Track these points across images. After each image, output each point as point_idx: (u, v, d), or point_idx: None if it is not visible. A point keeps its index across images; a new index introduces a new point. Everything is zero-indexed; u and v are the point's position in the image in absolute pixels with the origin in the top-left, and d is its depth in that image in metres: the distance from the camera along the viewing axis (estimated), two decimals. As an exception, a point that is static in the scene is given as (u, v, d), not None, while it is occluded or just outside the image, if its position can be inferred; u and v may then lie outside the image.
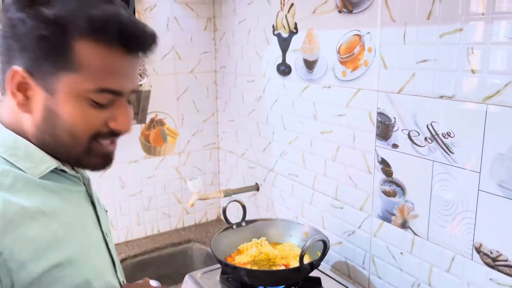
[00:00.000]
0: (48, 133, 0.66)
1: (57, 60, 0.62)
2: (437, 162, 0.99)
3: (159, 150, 1.84)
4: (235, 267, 1.14)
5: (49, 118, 0.65)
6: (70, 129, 0.65)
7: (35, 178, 0.65)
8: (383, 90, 1.09)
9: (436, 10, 0.94)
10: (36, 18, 0.60)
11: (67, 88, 0.63)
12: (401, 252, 1.12)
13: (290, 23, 1.39)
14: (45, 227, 0.63)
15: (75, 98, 0.64)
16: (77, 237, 0.69)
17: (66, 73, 0.62)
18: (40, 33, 0.60)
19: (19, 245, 0.59)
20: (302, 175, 1.44)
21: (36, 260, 0.61)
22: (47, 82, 0.63)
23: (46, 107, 0.64)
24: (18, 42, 0.62)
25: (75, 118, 0.64)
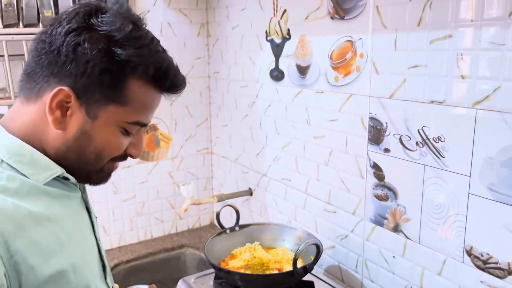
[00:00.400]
0: (75, 152, 0.69)
1: (111, 92, 0.66)
2: (428, 166, 1.00)
3: (152, 155, 1.84)
4: (229, 272, 1.14)
5: (82, 139, 0.68)
6: (99, 152, 0.70)
7: (39, 184, 0.66)
8: (375, 95, 1.11)
9: (426, 17, 0.96)
10: (107, 55, 0.64)
11: (109, 117, 0.68)
12: (394, 255, 1.13)
13: (283, 29, 1.40)
14: (50, 232, 0.65)
15: (113, 126, 0.69)
16: (78, 243, 0.70)
17: (114, 105, 0.67)
18: (106, 68, 0.64)
19: (29, 249, 0.60)
20: (295, 179, 1.45)
21: (43, 265, 0.62)
22: (91, 108, 0.66)
23: (83, 129, 0.67)
24: (76, 66, 0.64)
25: (107, 143, 0.69)
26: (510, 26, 0.82)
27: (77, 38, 0.64)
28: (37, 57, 0.67)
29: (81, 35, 0.64)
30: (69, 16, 0.66)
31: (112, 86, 0.66)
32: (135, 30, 0.67)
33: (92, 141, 0.68)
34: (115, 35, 0.65)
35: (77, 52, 0.64)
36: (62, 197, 0.70)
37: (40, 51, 0.66)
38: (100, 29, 0.65)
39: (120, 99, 0.67)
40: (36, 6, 1.38)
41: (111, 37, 0.64)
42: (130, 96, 0.67)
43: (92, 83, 0.65)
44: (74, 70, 0.64)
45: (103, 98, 0.66)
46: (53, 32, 0.65)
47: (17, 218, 0.60)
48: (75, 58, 0.64)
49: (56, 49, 0.64)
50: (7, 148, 0.65)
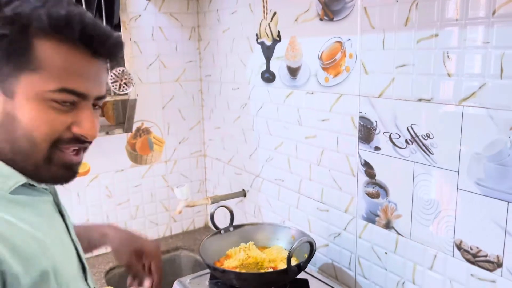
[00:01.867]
0: (5, 139, 0.62)
1: (18, 60, 0.59)
2: (417, 163, 1.02)
3: (145, 158, 1.85)
4: (224, 271, 1.16)
5: (7, 122, 0.61)
6: (30, 134, 0.61)
7: (6, 194, 0.63)
8: (365, 94, 1.13)
9: (413, 17, 0.98)
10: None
11: (28, 90, 0.60)
12: (386, 252, 1.14)
13: (273, 31, 1.42)
14: (29, 237, 0.62)
15: (36, 100, 0.60)
16: (55, 246, 0.68)
17: (26, 74, 0.60)
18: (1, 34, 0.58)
19: (12, 256, 0.58)
20: (288, 179, 1.47)
21: (26, 272, 0.60)
22: (6, 84, 0.60)
23: (4, 111, 0.61)
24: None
25: (35, 121, 0.61)
26: (494, 25, 0.84)
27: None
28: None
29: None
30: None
31: (15, 52, 0.59)
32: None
33: (17, 121, 0.61)
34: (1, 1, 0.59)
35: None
36: (33, 203, 0.67)
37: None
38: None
39: (29, 65, 0.59)
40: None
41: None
42: (40, 59, 0.59)
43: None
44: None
45: (12, 70, 0.60)
46: None
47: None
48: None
49: None
50: None
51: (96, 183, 1.75)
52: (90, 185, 1.74)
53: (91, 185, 1.74)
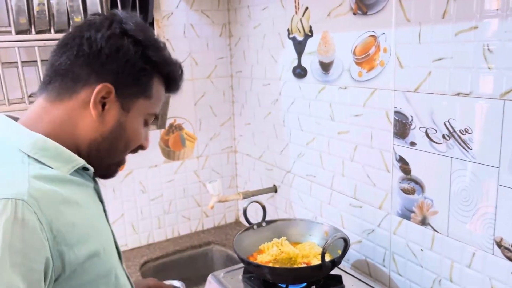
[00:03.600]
0: (109, 142, 0.77)
1: (142, 88, 0.78)
2: (455, 159, 1.00)
3: (178, 154, 1.88)
4: (258, 265, 1.17)
5: (117, 130, 0.77)
6: (129, 141, 0.80)
7: (65, 174, 0.72)
8: (400, 89, 1.11)
9: (450, 9, 0.96)
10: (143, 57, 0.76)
11: (139, 110, 0.79)
12: (421, 248, 1.13)
13: (305, 27, 1.41)
14: (83, 216, 0.71)
15: (140, 118, 0.80)
16: (102, 227, 0.78)
17: (143, 98, 0.79)
18: (142, 67, 0.76)
19: (67, 229, 0.66)
20: (320, 175, 1.46)
21: (80, 244, 0.68)
22: (126, 101, 0.77)
23: (118, 121, 0.77)
24: (117, 65, 0.74)
25: (136, 133, 0.81)
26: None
27: (119, 41, 0.74)
28: (74, 58, 0.73)
29: (122, 39, 0.75)
30: (106, 23, 0.75)
31: (143, 83, 0.78)
32: (158, 39, 0.81)
33: (125, 131, 0.78)
34: (148, 41, 0.77)
35: (119, 53, 0.74)
36: (84, 187, 0.77)
37: (78, 53, 0.73)
38: (136, 35, 0.76)
39: (147, 93, 0.79)
40: (67, 13, 1.43)
41: (145, 42, 0.77)
42: (153, 91, 0.79)
43: (129, 79, 0.76)
44: (115, 68, 0.74)
45: (136, 93, 0.77)
46: (91, 37, 0.73)
47: (55, 201, 0.66)
48: (116, 58, 0.74)
49: (97, 50, 0.73)
50: (32, 144, 0.70)
51: (131, 178, 1.79)
52: (125, 181, 1.78)
53: (126, 180, 1.78)
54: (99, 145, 0.77)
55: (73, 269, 0.67)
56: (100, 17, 0.77)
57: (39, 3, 1.37)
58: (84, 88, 0.73)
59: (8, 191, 0.61)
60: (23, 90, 1.46)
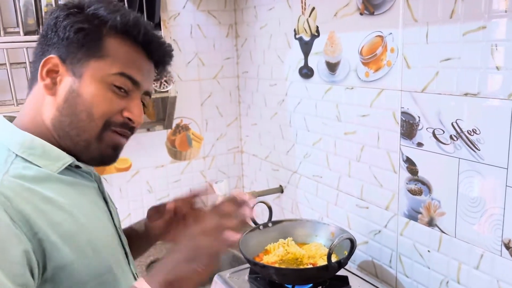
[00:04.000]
0: (67, 113, 0.73)
1: (90, 48, 0.72)
2: (463, 160, 0.99)
3: (184, 154, 1.88)
4: (264, 266, 1.16)
5: (71, 98, 0.72)
6: (89, 109, 0.72)
7: (53, 173, 0.71)
8: (407, 89, 1.11)
9: (458, 9, 0.95)
10: (78, 15, 0.73)
11: (94, 72, 0.72)
12: (429, 250, 1.12)
13: (311, 27, 1.41)
14: (69, 216, 0.69)
15: (100, 82, 0.73)
16: (96, 227, 0.75)
17: (95, 59, 0.72)
18: (79, 27, 0.72)
19: (50, 228, 0.65)
20: (326, 176, 1.46)
21: (65, 244, 0.67)
22: (76, 67, 0.73)
23: (71, 89, 0.73)
24: (57, 34, 0.73)
25: (96, 98, 0.72)
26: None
27: (57, 15, 0.74)
28: (36, 48, 0.76)
29: (57, 11, 0.74)
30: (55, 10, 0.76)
31: (89, 42, 0.72)
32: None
33: (81, 97, 0.72)
34: (83, 2, 0.74)
35: (57, 24, 0.73)
36: (77, 185, 0.75)
37: (36, 47, 0.77)
38: (71, 3, 0.75)
39: (99, 53, 0.72)
40: (74, 13, 1.44)
41: (81, 4, 0.74)
42: (108, 49, 0.73)
43: (71, 43, 0.72)
44: (55, 39, 0.73)
45: (84, 56, 0.72)
46: (46, 26, 0.76)
47: (33, 200, 0.66)
48: (55, 30, 0.73)
49: (44, 34, 0.75)
50: (19, 143, 0.71)
51: (137, 178, 1.80)
52: (132, 181, 1.79)
53: (133, 180, 1.79)
54: (60, 121, 0.73)
55: (59, 267, 0.66)
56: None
57: (47, 4, 1.38)
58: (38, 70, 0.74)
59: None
60: (31, 90, 1.47)
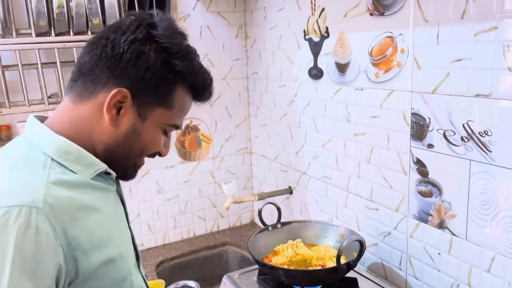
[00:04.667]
0: (123, 147, 0.76)
1: (162, 97, 0.75)
2: (474, 161, 0.98)
3: (194, 155, 1.89)
4: (273, 267, 1.16)
5: (131, 136, 0.76)
6: (143, 148, 0.78)
7: (86, 179, 0.72)
8: (417, 90, 1.10)
9: (470, 9, 0.94)
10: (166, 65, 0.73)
11: (157, 119, 0.76)
12: (439, 252, 1.11)
13: (321, 28, 1.41)
14: (100, 222, 0.71)
15: (158, 127, 0.77)
16: (120, 233, 0.78)
17: (162, 108, 0.76)
18: (163, 75, 0.73)
19: (83, 236, 0.66)
20: (335, 177, 1.46)
21: (96, 251, 0.68)
22: (143, 109, 0.75)
23: (133, 127, 0.75)
24: (137, 71, 0.72)
25: (152, 140, 0.78)
26: (560, 15, 0.79)
27: (142, 47, 0.71)
28: (97, 59, 0.72)
29: (145, 44, 0.72)
30: (132, 27, 0.73)
31: (164, 92, 0.74)
32: (188, 45, 0.77)
33: (140, 138, 0.76)
34: (174, 48, 0.73)
35: (140, 58, 0.71)
36: (105, 191, 0.77)
37: (101, 55, 0.72)
38: (162, 41, 0.72)
39: (168, 104, 0.75)
40: (85, 15, 1.45)
41: (170, 50, 0.73)
42: (176, 101, 0.76)
43: (148, 87, 0.73)
44: (134, 74, 0.72)
45: (154, 102, 0.75)
46: (116, 39, 0.72)
47: (72, 208, 0.66)
48: (137, 64, 0.71)
49: (119, 54, 0.71)
50: (55, 147, 0.71)
51: (147, 179, 1.81)
52: (141, 181, 1.80)
53: (142, 181, 1.80)
54: (113, 150, 0.76)
55: (87, 275, 0.67)
56: (131, 19, 0.74)
57: (58, 5, 1.40)
58: (102, 91, 0.72)
59: (23, 198, 0.62)
60: (42, 91, 1.49)
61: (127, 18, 0.75)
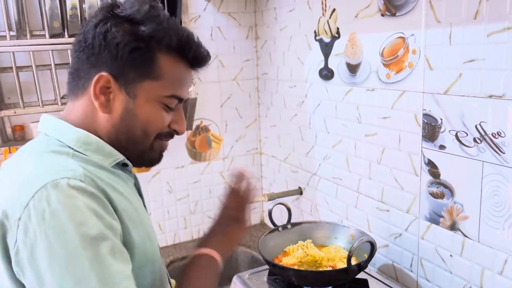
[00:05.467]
0: (123, 131, 0.75)
1: (144, 69, 0.72)
2: (487, 163, 0.98)
3: (204, 155, 1.90)
4: (283, 268, 1.16)
5: (127, 117, 0.74)
6: (144, 127, 0.75)
7: (108, 167, 0.74)
8: (429, 91, 1.09)
9: (483, 10, 0.94)
10: (133, 34, 0.71)
11: (147, 93, 0.74)
12: (451, 254, 1.10)
13: (332, 28, 1.41)
14: (128, 204, 0.73)
15: (152, 101, 0.74)
16: (147, 218, 0.79)
17: (149, 80, 0.73)
18: (134, 46, 0.70)
19: (121, 212, 0.69)
20: (346, 178, 1.45)
21: (132, 229, 0.70)
22: (130, 87, 0.73)
23: (126, 108, 0.74)
24: (109, 52, 0.70)
25: (150, 118, 0.75)
26: None
27: (104, 26, 0.70)
28: (76, 56, 0.74)
29: (107, 23, 0.71)
30: (95, 13, 0.73)
31: (143, 63, 0.72)
32: (152, 9, 0.72)
33: (137, 118, 0.74)
34: (136, 16, 0.71)
35: (107, 39, 0.70)
36: (124, 179, 0.78)
37: (78, 50, 0.73)
38: (122, 14, 0.71)
39: (153, 74, 0.73)
40: (97, 16, 1.47)
41: (133, 19, 0.71)
42: (162, 70, 0.73)
43: (125, 63, 0.71)
44: (107, 55, 0.71)
45: (138, 76, 0.72)
46: (85, 30, 0.73)
47: (105, 187, 0.68)
48: (106, 45, 0.70)
49: (90, 43, 0.71)
50: (75, 138, 0.73)
51: (158, 179, 1.82)
52: (152, 181, 1.81)
53: (153, 180, 1.81)
54: (116, 136, 0.75)
55: (128, 249, 0.68)
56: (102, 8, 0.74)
57: (71, 7, 1.42)
58: (88, 83, 0.73)
59: (66, 173, 0.64)
60: (56, 92, 1.51)
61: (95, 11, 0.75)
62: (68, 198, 0.61)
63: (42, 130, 0.77)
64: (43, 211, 0.60)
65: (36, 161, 0.69)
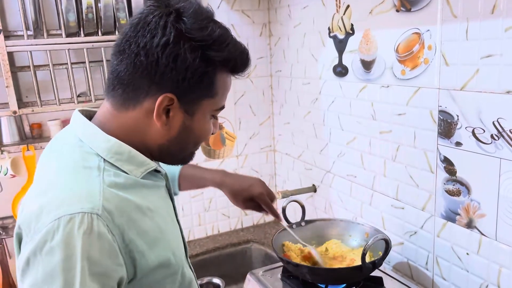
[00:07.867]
0: (177, 144, 0.78)
1: (206, 91, 0.75)
2: (504, 160, 0.96)
3: (218, 153, 1.90)
4: (297, 265, 1.16)
5: (184, 133, 0.77)
6: (198, 140, 0.80)
7: (138, 178, 0.74)
8: (445, 87, 1.08)
9: (500, 4, 0.92)
10: (203, 60, 0.71)
11: (204, 110, 0.77)
12: (467, 252, 1.09)
13: (346, 25, 1.40)
14: (153, 222, 0.73)
15: (206, 116, 0.78)
16: (172, 230, 0.80)
17: (207, 99, 0.76)
18: (203, 71, 0.72)
19: (139, 237, 0.69)
20: (360, 175, 1.44)
21: (151, 251, 0.70)
22: (189, 106, 0.75)
23: (184, 125, 0.76)
24: (177, 73, 0.70)
25: (204, 130, 0.79)
26: None
27: (176, 49, 0.69)
28: (132, 69, 0.71)
29: (179, 45, 0.69)
30: (160, 28, 0.69)
31: (207, 85, 0.74)
32: (219, 30, 0.72)
33: (193, 132, 0.77)
34: (208, 40, 0.71)
35: (177, 61, 0.70)
36: (155, 188, 0.79)
37: (136, 63, 0.70)
38: (194, 37, 0.70)
39: (211, 93, 0.75)
40: (113, 16, 1.48)
41: (205, 43, 0.71)
42: (217, 87, 0.75)
43: (191, 85, 0.72)
44: (174, 77, 0.71)
45: (199, 96, 0.75)
46: (147, 45, 0.69)
47: (128, 210, 0.69)
48: (175, 67, 0.70)
49: (154, 61, 0.70)
50: (108, 148, 0.73)
51: (172, 176, 1.83)
52: (167, 178, 1.82)
53: (168, 178, 1.83)
54: (168, 148, 0.77)
55: (144, 273, 0.70)
56: (155, 16, 0.70)
57: (87, 6, 1.43)
58: (147, 99, 0.72)
59: (85, 205, 0.64)
60: (72, 90, 1.53)
61: (149, 14, 0.71)
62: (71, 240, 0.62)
63: (73, 129, 0.76)
64: (45, 243, 0.62)
65: (66, 181, 0.69)
